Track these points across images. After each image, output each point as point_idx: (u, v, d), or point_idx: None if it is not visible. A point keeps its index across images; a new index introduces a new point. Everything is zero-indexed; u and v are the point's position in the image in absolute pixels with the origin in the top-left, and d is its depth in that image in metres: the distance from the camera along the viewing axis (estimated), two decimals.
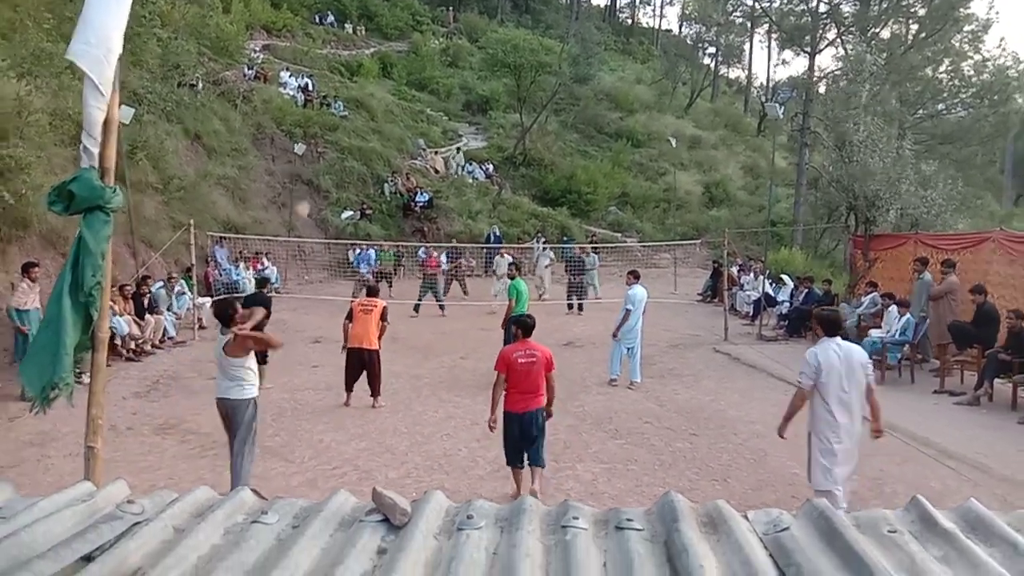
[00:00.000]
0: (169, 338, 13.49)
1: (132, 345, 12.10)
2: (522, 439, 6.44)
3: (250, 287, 18.70)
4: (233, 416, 6.31)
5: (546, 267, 20.80)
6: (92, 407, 3.71)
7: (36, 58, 11.98)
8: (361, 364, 9.62)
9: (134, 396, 9.86)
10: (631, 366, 10.88)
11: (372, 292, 10.32)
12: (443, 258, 20.62)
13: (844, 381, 5.50)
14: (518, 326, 6.77)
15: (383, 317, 9.86)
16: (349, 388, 9.68)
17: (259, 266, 19.79)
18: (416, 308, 17.69)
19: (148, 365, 11.82)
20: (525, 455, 6.53)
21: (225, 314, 6.39)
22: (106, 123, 3.65)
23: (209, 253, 18.55)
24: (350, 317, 9.88)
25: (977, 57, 33.70)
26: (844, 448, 5.54)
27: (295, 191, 24.85)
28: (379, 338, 9.81)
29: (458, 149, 32.82)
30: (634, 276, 11.11)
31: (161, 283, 14.61)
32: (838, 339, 5.68)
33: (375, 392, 9.64)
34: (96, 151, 3.60)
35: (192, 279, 15.56)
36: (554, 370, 6.58)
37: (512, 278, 11.81)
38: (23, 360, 3.62)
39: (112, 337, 9.62)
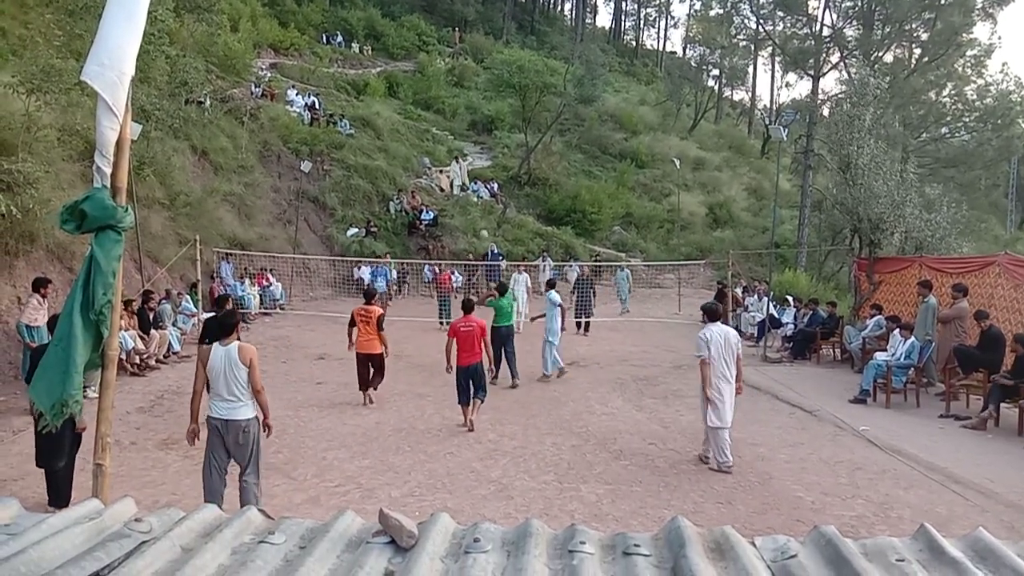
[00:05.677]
0: (174, 353, 13.53)
1: (137, 360, 12.12)
2: (468, 381, 9.30)
3: (255, 303, 18.79)
4: (247, 438, 5.79)
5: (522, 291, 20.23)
6: (101, 424, 3.71)
7: (46, 74, 12.04)
8: (369, 366, 10.64)
9: (138, 411, 9.86)
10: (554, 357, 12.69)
11: (368, 298, 11.12)
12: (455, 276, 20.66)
13: (723, 352, 7.88)
14: (462, 306, 9.89)
15: (379, 325, 10.58)
16: (363, 388, 10.62)
17: (264, 282, 19.85)
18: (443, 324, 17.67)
19: (152, 380, 11.82)
20: (471, 393, 9.34)
21: (229, 324, 5.97)
22: (118, 143, 3.68)
23: (215, 269, 18.62)
24: (353, 323, 10.79)
25: (980, 81, 34.02)
26: (726, 397, 7.89)
27: (301, 208, 24.95)
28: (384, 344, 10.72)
29: (456, 159, 32.76)
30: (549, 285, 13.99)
31: (166, 298, 14.65)
32: (719, 323, 8.16)
33: (374, 387, 10.68)
34: (108, 171, 3.63)
35: (197, 294, 15.61)
36: (486, 335, 9.59)
37: (502, 294, 12.49)
38: (33, 377, 3.62)
39: None
